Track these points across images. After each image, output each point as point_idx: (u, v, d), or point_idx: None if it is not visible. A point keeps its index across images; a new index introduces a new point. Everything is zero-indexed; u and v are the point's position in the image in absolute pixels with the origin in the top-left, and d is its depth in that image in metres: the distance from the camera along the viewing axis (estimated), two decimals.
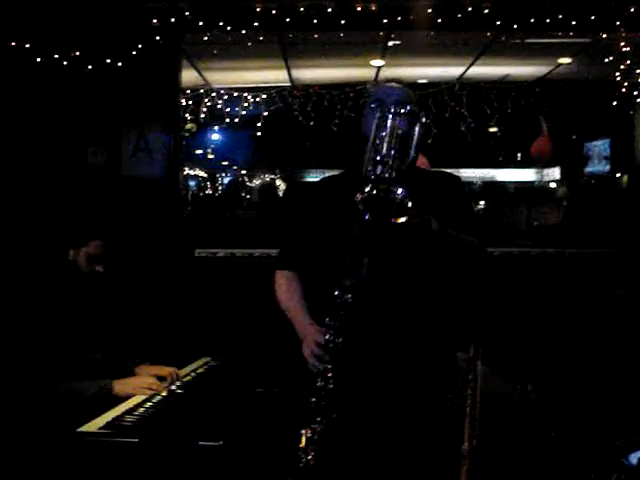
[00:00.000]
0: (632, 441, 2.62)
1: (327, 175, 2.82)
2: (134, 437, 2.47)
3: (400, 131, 2.10)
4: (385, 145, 2.09)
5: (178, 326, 4.90)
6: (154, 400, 2.91)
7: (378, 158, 2.08)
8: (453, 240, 2.39)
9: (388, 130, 2.10)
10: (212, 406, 2.86)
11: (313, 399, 2.18)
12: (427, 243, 2.31)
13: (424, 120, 2.28)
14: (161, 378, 3.18)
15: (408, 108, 2.17)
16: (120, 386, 2.96)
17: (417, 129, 2.21)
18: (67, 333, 3.04)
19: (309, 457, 2.18)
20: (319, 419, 2.17)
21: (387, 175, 2.06)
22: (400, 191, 2.02)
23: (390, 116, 2.12)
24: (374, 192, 2.03)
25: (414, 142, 2.20)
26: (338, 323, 2.14)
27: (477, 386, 2.82)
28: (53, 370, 2.90)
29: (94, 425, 2.55)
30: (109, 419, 2.63)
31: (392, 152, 2.08)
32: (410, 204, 2.03)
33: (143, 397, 2.92)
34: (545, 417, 3.88)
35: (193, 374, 3.37)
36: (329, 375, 2.17)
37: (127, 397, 2.92)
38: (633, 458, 2.52)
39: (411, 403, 2.49)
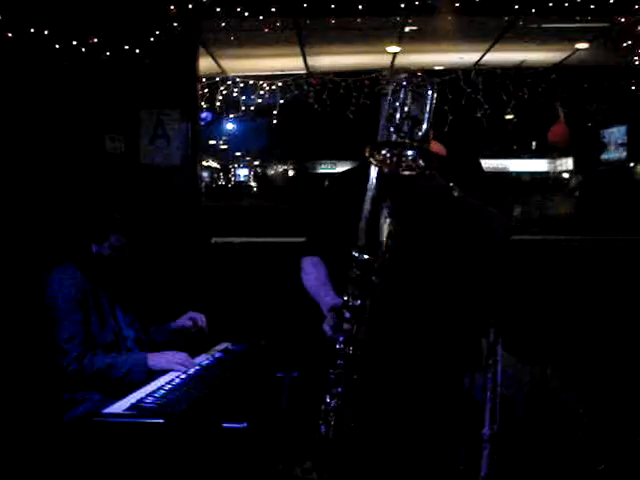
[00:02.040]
0: None
1: (349, 167, 2.86)
2: (159, 418, 2.48)
3: (412, 100, 2.14)
4: (398, 115, 2.13)
5: (198, 311, 4.91)
6: (178, 382, 2.92)
7: (392, 129, 2.12)
8: (476, 208, 2.37)
9: (401, 99, 2.14)
10: (234, 389, 2.87)
11: (333, 372, 2.20)
12: (450, 212, 2.30)
13: (435, 88, 2.26)
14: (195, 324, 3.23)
15: (419, 76, 2.19)
16: (154, 360, 3.03)
17: (429, 98, 2.18)
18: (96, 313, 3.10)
19: (329, 429, 2.19)
20: (339, 389, 2.19)
21: (401, 139, 2.10)
22: (412, 152, 2.03)
23: (404, 84, 2.15)
24: (388, 154, 2.05)
25: (427, 111, 2.17)
26: (356, 286, 2.18)
27: (497, 371, 2.82)
28: (90, 347, 2.98)
29: (119, 406, 2.56)
30: (133, 401, 2.64)
31: (406, 122, 2.11)
32: (423, 162, 2.02)
33: (167, 378, 2.94)
34: (566, 401, 3.88)
35: (214, 358, 3.38)
36: (348, 342, 2.19)
37: (161, 370, 2.98)
38: None
39: (429, 388, 2.47)
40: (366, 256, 2.16)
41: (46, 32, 5.21)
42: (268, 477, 2.61)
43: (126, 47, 5.28)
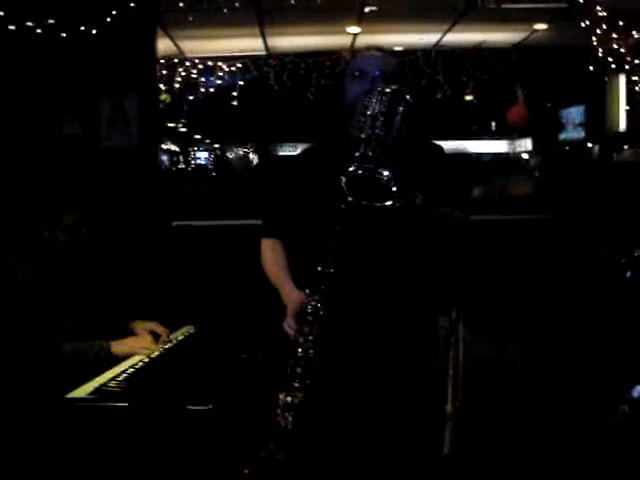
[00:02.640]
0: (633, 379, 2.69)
1: (307, 146, 2.82)
2: (123, 402, 2.46)
3: (385, 110, 2.18)
4: (369, 124, 2.15)
5: (160, 295, 4.88)
6: (141, 366, 2.90)
7: (363, 136, 2.14)
8: (436, 214, 2.41)
9: (373, 110, 2.18)
10: (198, 372, 2.86)
11: (292, 365, 2.22)
12: (410, 218, 2.33)
13: (408, 97, 2.29)
14: (155, 336, 3.22)
15: (394, 88, 2.24)
16: (118, 346, 3.00)
17: (401, 108, 2.25)
18: (54, 300, 3.04)
19: (287, 421, 2.21)
20: (297, 385, 2.20)
21: (371, 153, 2.10)
22: (386, 173, 2.05)
23: (375, 95, 2.21)
24: (359, 172, 2.07)
25: (398, 120, 2.24)
26: (319, 296, 2.20)
27: (459, 349, 2.84)
28: (55, 334, 2.94)
29: (83, 391, 2.54)
30: (97, 385, 2.62)
31: (377, 131, 2.14)
32: (395, 188, 2.05)
33: (131, 362, 2.92)
34: (528, 377, 3.92)
35: (177, 341, 3.36)
36: (309, 344, 2.20)
37: (125, 357, 2.95)
38: (635, 392, 2.58)
39: (390, 368, 2.49)
40: (331, 270, 2.20)
41: (0, 13, 5.10)
42: (234, 458, 2.61)
43: (82, 28, 5.19)
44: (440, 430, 2.70)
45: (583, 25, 6.61)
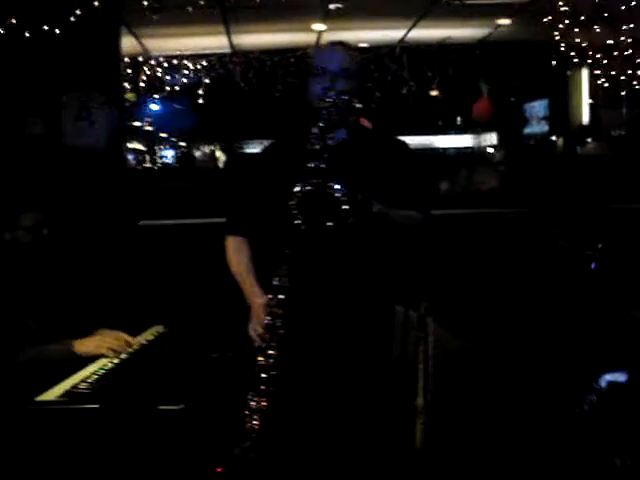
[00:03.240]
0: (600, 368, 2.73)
1: (270, 142, 2.79)
2: (94, 403, 2.44)
3: (336, 120, 2.28)
4: (320, 135, 2.25)
5: (127, 296, 4.85)
6: (111, 367, 2.88)
7: (317, 148, 2.23)
8: (394, 219, 2.42)
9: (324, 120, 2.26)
10: (169, 371, 2.84)
11: (256, 371, 2.22)
12: (365, 227, 2.35)
13: (359, 105, 2.37)
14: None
15: (343, 98, 2.32)
16: (81, 346, 2.92)
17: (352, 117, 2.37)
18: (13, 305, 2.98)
19: (255, 424, 2.21)
20: (262, 389, 2.21)
21: (324, 165, 2.18)
22: (337, 187, 2.13)
23: (326, 105, 2.29)
24: (308, 188, 2.12)
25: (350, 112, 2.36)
26: (278, 308, 2.21)
27: (429, 342, 2.87)
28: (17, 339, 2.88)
29: (52, 394, 2.51)
30: (67, 387, 2.59)
31: (329, 142, 2.24)
32: (347, 205, 2.11)
33: (100, 364, 2.89)
34: (498, 369, 3.96)
35: (146, 342, 3.33)
36: (270, 352, 2.21)
37: (90, 357, 2.89)
38: (602, 381, 2.62)
39: (352, 367, 2.48)
40: (286, 280, 2.22)
41: None
42: (207, 457, 2.60)
43: (46, 27, 5.14)
44: (411, 424, 2.72)
45: (545, 20, 6.67)
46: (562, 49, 7.41)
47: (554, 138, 10.71)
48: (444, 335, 3.77)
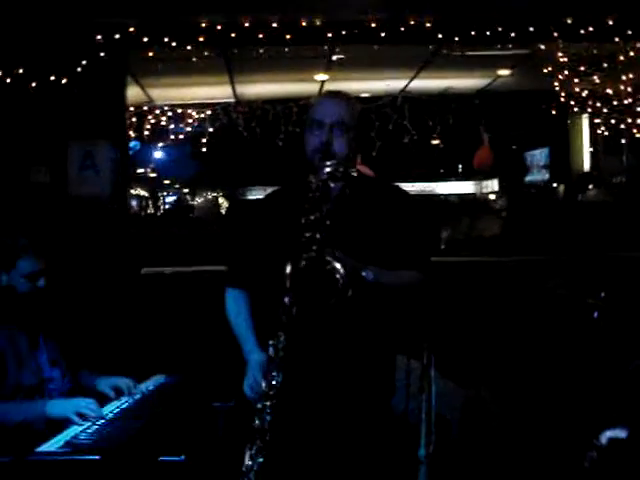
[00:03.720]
0: (601, 422, 2.70)
1: (271, 190, 2.75)
2: (95, 455, 2.42)
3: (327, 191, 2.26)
4: (314, 206, 2.21)
5: (129, 344, 4.84)
6: (112, 417, 2.86)
7: (312, 218, 2.18)
8: (390, 287, 2.37)
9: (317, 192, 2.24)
10: (170, 422, 2.82)
11: (252, 430, 2.15)
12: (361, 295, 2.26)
13: (354, 173, 2.37)
14: (118, 391, 3.14)
15: (328, 171, 2.28)
16: (52, 407, 2.85)
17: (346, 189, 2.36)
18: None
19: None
20: (258, 447, 2.13)
21: (318, 235, 2.13)
22: (338, 266, 2.05)
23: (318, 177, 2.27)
24: (303, 262, 2.08)
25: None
26: (274, 369, 2.14)
27: (431, 392, 2.85)
28: None
29: (53, 444, 2.50)
30: (67, 438, 2.57)
31: (324, 212, 2.19)
32: (342, 280, 2.05)
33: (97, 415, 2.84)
34: (502, 419, 3.94)
35: (148, 391, 3.31)
36: (266, 414, 2.13)
37: (63, 419, 2.81)
38: (603, 438, 2.59)
39: (353, 426, 2.43)
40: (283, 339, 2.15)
41: None
42: None
43: (52, 77, 5.21)
44: (414, 476, 2.69)
45: (545, 71, 6.75)
46: (562, 98, 7.48)
47: (555, 185, 10.76)
48: (447, 385, 3.76)
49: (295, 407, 2.31)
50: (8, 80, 5.17)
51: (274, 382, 2.14)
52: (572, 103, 7.71)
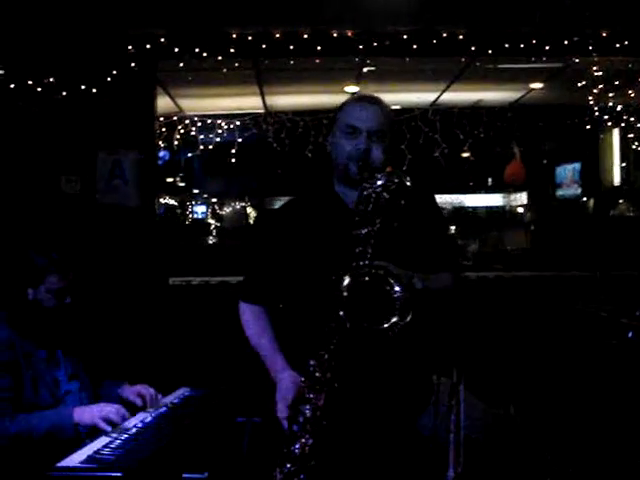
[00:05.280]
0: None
1: (289, 199, 2.62)
2: (117, 471, 2.38)
3: (383, 203, 2.13)
4: (367, 219, 2.11)
5: (155, 356, 4.82)
6: (134, 432, 2.83)
7: (364, 232, 2.09)
8: (434, 291, 2.29)
9: (369, 204, 2.14)
10: (194, 437, 2.78)
11: (283, 458, 2.06)
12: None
13: (408, 182, 2.20)
14: (143, 399, 3.12)
15: (393, 180, 2.17)
16: (80, 414, 2.84)
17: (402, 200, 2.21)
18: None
19: None
20: (291, 470, 2.04)
21: (371, 251, 2.05)
22: (397, 289, 1.95)
23: (370, 189, 2.16)
24: (361, 279, 1.97)
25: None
26: (314, 394, 2.04)
27: (460, 411, 2.79)
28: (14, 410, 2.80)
29: (74, 459, 2.46)
30: (90, 452, 2.54)
31: (377, 226, 2.09)
32: (400, 302, 1.95)
33: (125, 427, 2.83)
34: (530, 439, 3.86)
35: (172, 405, 3.28)
36: (303, 439, 2.04)
37: (89, 425, 2.80)
38: None
39: (388, 447, 2.35)
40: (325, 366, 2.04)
41: (1, 72, 5.14)
42: None
43: (83, 87, 5.24)
44: None
45: (579, 85, 6.68)
46: (596, 112, 7.40)
47: (585, 199, 10.65)
48: (476, 404, 3.69)
49: (335, 430, 2.15)
50: (39, 89, 5.20)
51: (315, 405, 2.04)
52: (605, 117, 7.62)
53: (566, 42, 5.51)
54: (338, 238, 2.14)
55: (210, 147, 8.64)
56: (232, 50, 5.42)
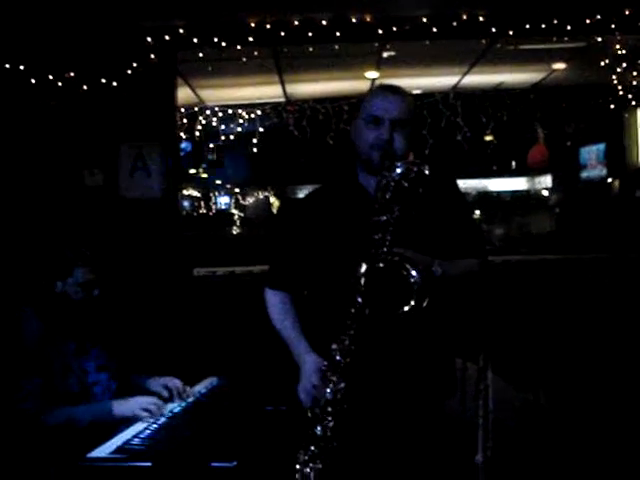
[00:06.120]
0: None
1: (313, 189, 2.67)
2: (146, 461, 2.40)
3: (401, 192, 2.14)
4: (386, 206, 2.12)
5: (182, 347, 4.84)
6: (163, 422, 2.84)
7: (384, 219, 2.10)
8: (456, 278, 2.30)
9: (388, 192, 2.14)
10: (222, 426, 2.79)
11: (308, 439, 2.10)
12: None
13: (427, 171, 2.17)
14: (170, 391, 3.14)
15: (412, 169, 2.16)
16: (119, 408, 2.88)
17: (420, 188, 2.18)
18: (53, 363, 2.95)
19: None
20: (314, 454, 2.08)
21: (390, 238, 2.06)
22: (414, 273, 1.95)
23: (389, 177, 2.15)
24: (380, 264, 2.00)
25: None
26: (337, 376, 2.08)
27: (488, 396, 2.77)
28: (51, 401, 2.84)
29: (104, 450, 2.48)
30: (119, 443, 2.56)
31: (395, 214, 2.11)
32: (417, 287, 1.96)
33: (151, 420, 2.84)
34: (558, 424, 3.84)
35: (200, 394, 3.30)
36: (328, 421, 2.08)
37: (127, 418, 2.84)
38: None
39: (413, 430, 2.37)
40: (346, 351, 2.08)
41: (22, 67, 5.17)
42: None
43: (103, 80, 5.26)
44: None
45: (602, 64, 6.59)
46: (620, 92, 7.29)
47: (610, 180, 10.54)
48: (505, 388, 3.68)
49: (357, 413, 2.20)
50: (59, 84, 5.22)
51: (337, 388, 2.08)
52: (629, 97, 7.52)
53: (588, 21, 5.43)
54: (360, 226, 2.16)
55: (231, 137, 8.66)
56: (251, 39, 5.41)
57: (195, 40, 5.40)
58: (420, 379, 2.38)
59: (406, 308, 1.98)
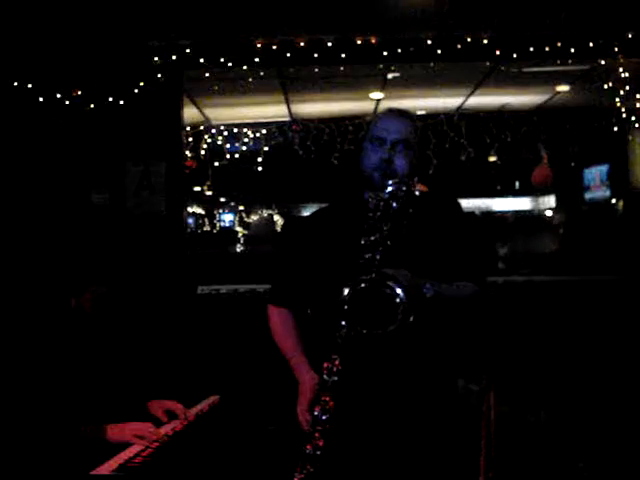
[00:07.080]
0: None
1: (319, 208, 2.70)
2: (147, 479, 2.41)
3: (392, 211, 2.20)
4: (377, 226, 2.18)
5: (185, 364, 4.84)
6: (167, 440, 2.85)
7: (372, 239, 2.16)
8: (448, 299, 2.31)
9: (379, 212, 2.20)
10: (224, 446, 2.80)
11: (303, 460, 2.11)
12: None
13: (417, 192, 2.27)
14: (172, 415, 3.13)
15: (400, 189, 2.24)
16: (113, 431, 2.85)
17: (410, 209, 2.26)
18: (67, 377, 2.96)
19: None
20: (310, 471, 2.10)
21: (379, 257, 2.10)
22: (399, 291, 1.99)
23: (380, 197, 2.23)
24: (362, 285, 2.03)
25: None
26: (326, 394, 2.11)
27: (490, 417, 2.78)
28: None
29: (106, 468, 2.49)
30: (121, 461, 2.56)
31: (385, 234, 2.15)
32: (403, 307, 1.98)
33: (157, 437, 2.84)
34: (561, 444, 3.83)
35: (202, 414, 3.30)
36: (317, 439, 2.10)
37: (122, 443, 2.81)
38: None
39: (411, 452, 2.33)
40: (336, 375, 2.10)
41: (29, 85, 5.21)
42: None
43: (110, 99, 5.30)
44: None
45: (606, 86, 6.62)
46: (623, 114, 7.32)
47: (614, 202, 10.56)
48: (506, 410, 3.68)
49: (348, 433, 2.23)
50: (67, 102, 5.27)
51: (327, 407, 2.10)
52: (633, 119, 7.55)
53: (591, 44, 5.48)
54: (359, 245, 2.20)
55: (236, 156, 8.69)
56: (257, 59, 5.46)
57: (201, 60, 5.45)
58: (415, 398, 2.36)
59: (392, 327, 2.00)
